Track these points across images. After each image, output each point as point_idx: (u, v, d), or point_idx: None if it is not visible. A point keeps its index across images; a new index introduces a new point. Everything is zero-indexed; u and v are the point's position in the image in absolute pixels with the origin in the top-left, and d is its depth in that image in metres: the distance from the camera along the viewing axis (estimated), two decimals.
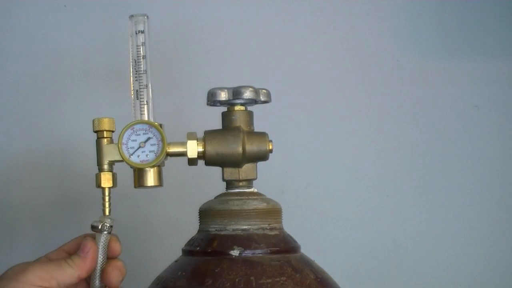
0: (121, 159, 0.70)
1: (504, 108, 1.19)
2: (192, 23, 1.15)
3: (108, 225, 0.70)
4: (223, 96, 0.73)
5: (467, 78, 1.19)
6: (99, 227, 0.69)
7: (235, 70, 1.14)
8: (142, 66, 0.71)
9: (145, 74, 0.71)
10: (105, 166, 0.70)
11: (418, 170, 1.19)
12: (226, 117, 0.74)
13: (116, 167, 0.71)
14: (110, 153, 0.70)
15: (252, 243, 0.70)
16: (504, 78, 1.19)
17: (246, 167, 0.74)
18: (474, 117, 1.19)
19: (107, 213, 0.70)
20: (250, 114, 0.75)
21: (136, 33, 0.71)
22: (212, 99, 0.74)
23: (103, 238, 0.69)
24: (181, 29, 1.15)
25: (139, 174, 0.71)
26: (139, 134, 0.70)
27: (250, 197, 0.73)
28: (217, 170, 0.74)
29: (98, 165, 0.70)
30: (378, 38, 1.19)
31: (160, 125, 0.71)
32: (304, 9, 1.18)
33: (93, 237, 0.70)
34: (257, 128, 0.75)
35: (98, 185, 0.70)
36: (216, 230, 0.72)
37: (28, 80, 1.13)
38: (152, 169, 0.71)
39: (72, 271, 0.67)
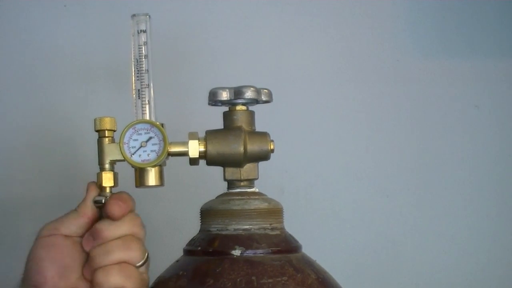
0: (122, 158, 0.69)
1: (504, 108, 1.20)
2: (194, 23, 1.16)
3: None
4: (224, 96, 0.73)
5: (467, 78, 1.19)
6: (102, 201, 0.69)
7: (236, 70, 1.14)
8: (144, 65, 0.71)
9: (146, 74, 0.71)
10: (107, 166, 0.70)
11: (418, 170, 1.19)
12: (228, 117, 0.74)
13: (117, 166, 0.71)
14: (111, 153, 0.70)
15: (254, 243, 0.70)
16: (504, 78, 1.20)
17: (248, 167, 0.74)
18: (474, 117, 1.19)
19: None
20: (251, 114, 0.75)
21: (138, 33, 0.71)
22: (213, 99, 0.74)
23: None
24: (183, 29, 1.15)
25: (140, 173, 0.71)
26: (140, 134, 0.70)
27: (251, 197, 0.73)
28: (218, 170, 0.74)
29: (99, 164, 0.70)
30: (378, 38, 1.19)
31: (162, 125, 0.70)
32: (304, 9, 1.18)
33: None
34: (259, 128, 0.75)
35: (99, 184, 0.70)
36: (217, 230, 0.71)
37: (29, 80, 1.13)
38: (153, 169, 0.71)
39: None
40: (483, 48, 1.20)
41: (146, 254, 0.67)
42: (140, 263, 0.67)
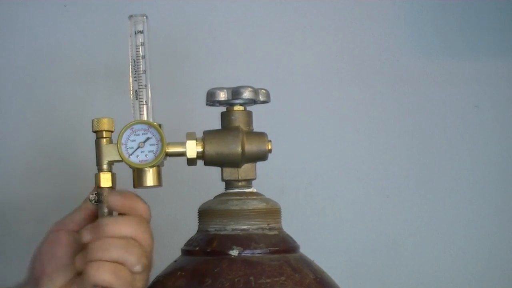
0: (120, 159, 0.70)
1: (504, 108, 1.20)
2: (192, 23, 1.16)
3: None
4: (222, 96, 0.73)
5: (467, 78, 1.19)
6: (94, 198, 0.70)
7: (235, 70, 1.14)
8: (141, 66, 0.71)
9: (144, 74, 0.71)
10: (105, 166, 0.70)
11: (418, 170, 1.19)
12: (225, 117, 0.75)
13: (115, 167, 0.71)
14: (109, 153, 0.70)
15: (252, 243, 0.70)
16: (504, 78, 1.19)
17: (246, 167, 0.74)
18: (474, 117, 1.19)
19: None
20: (249, 114, 0.75)
21: (135, 33, 0.71)
22: (211, 99, 0.74)
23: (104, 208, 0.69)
24: (180, 29, 1.15)
25: (138, 174, 0.71)
26: (138, 134, 0.70)
27: (249, 197, 0.73)
28: (216, 170, 0.74)
29: (97, 165, 0.70)
30: (378, 38, 1.19)
31: (159, 125, 0.71)
32: (304, 9, 1.18)
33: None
34: (256, 128, 0.75)
35: (97, 185, 0.70)
36: (215, 230, 0.72)
37: (28, 80, 1.13)
38: (151, 169, 0.71)
39: None
40: (483, 48, 1.20)
41: (142, 264, 0.66)
42: (136, 268, 0.65)
